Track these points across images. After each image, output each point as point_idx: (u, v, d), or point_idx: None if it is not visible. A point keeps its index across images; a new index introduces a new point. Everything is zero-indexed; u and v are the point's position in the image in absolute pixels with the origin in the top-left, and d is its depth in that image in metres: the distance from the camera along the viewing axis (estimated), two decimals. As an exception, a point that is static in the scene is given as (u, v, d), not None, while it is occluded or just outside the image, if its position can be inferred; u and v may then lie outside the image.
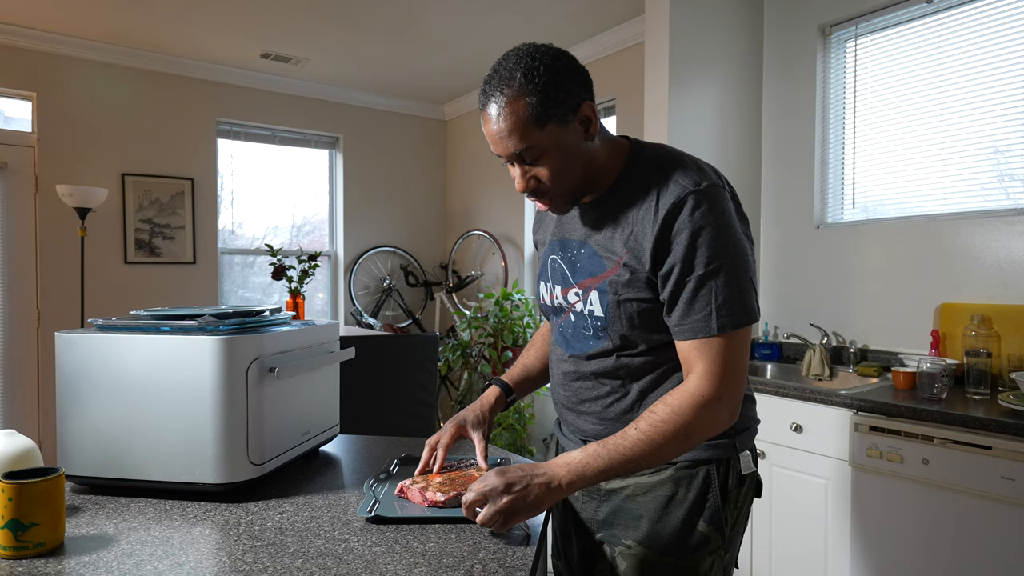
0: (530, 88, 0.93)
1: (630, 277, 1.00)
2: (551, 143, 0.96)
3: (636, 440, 0.92)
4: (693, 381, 0.95)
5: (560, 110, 0.95)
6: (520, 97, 0.93)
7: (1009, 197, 2.18)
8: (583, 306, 1.07)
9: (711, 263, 0.94)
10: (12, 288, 3.49)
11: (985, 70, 2.23)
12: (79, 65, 3.64)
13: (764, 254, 2.90)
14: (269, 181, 4.43)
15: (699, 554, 1.03)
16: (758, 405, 1.17)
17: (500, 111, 0.94)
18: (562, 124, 0.96)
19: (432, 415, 2.73)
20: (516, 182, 1.01)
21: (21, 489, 0.83)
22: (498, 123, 0.95)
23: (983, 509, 1.68)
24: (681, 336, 0.97)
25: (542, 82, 0.93)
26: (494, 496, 0.88)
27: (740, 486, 1.07)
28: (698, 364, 0.95)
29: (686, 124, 2.56)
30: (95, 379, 1.06)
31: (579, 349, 1.10)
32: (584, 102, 0.98)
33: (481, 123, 0.99)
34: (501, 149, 0.98)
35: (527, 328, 3.80)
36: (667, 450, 0.92)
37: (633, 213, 1.00)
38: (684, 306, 0.96)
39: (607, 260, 1.03)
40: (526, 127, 0.94)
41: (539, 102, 0.93)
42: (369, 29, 3.45)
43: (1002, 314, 2.10)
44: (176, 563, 0.82)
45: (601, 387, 1.08)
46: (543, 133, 0.95)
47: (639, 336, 1.02)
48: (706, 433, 0.95)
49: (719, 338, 0.94)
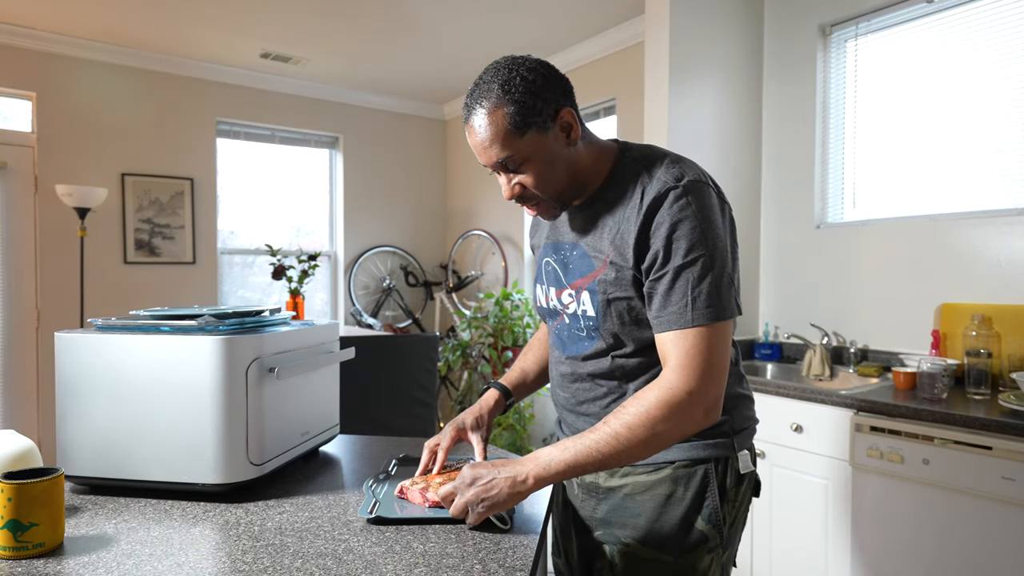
0: (507, 99, 0.96)
1: (616, 276, 1.01)
2: (532, 150, 0.99)
3: (604, 435, 0.92)
4: (665, 374, 0.94)
5: (539, 118, 0.97)
6: (499, 108, 0.96)
7: (1009, 197, 2.18)
8: (576, 307, 1.08)
9: (688, 255, 0.94)
10: (12, 288, 3.49)
11: (985, 70, 2.22)
12: (79, 65, 3.64)
13: (764, 254, 2.90)
14: (269, 181, 4.43)
15: (697, 552, 1.03)
16: (758, 405, 1.18)
17: (481, 122, 0.98)
18: (542, 131, 0.98)
19: (432, 415, 2.72)
20: (503, 190, 1.04)
21: (21, 489, 0.83)
22: (480, 134, 0.98)
23: (983, 509, 1.67)
24: (658, 328, 0.97)
25: (519, 92, 0.96)
26: (462, 489, 0.93)
27: (739, 485, 1.07)
28: (672, 356, 0.94)
29: (686, 124, 2.55)
30: (95, 379, 1.06)
31: (575, 351, 1.11)
32: (563, 109, 1.00)
33: (466, 136, 1.03)
34: (485, 159, 1.01)
35: (527, 328, 3.80)
36: (636, 446, 0.91)
37: (620, 212, 1.02)
38: (661, 298, 0.96)
39: (596, 260, 1.04)
40: (506, 136, 0.97)
41: (517, 111, 0.96)
42: (369, 29, 3.45)
43: (1002, 314, 2.10)
44: (176, 563, 0.82)
45: (598, 388, 1.09)
46: (523, 141, 0.98)
47: (629, 335, 1.03)
48: (678, 430, 0.92)
49: (694, 330, 0.93)
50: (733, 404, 1.08)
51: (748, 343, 2.82)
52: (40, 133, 3.53)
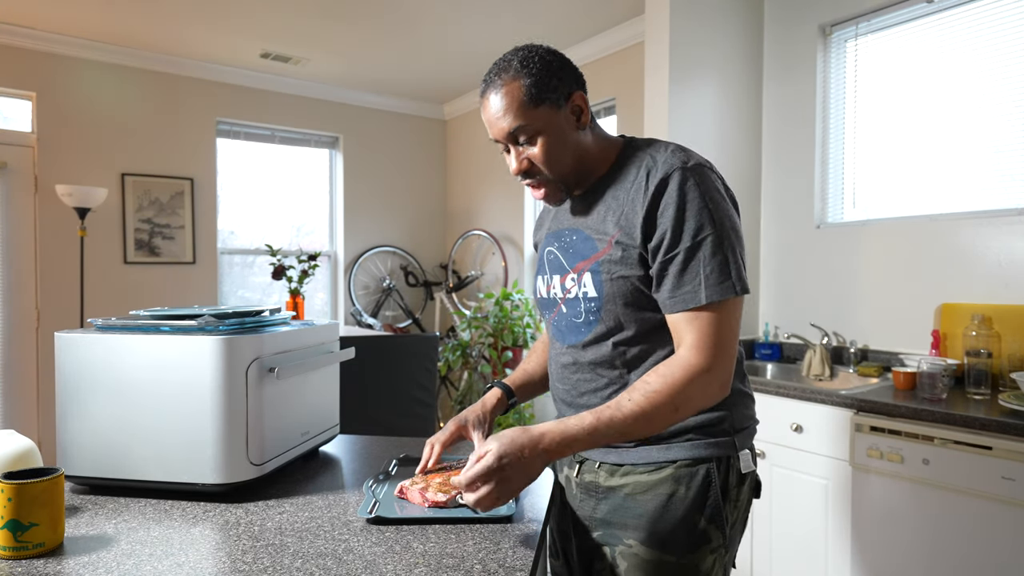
0: (524, 72, 1.01)
1: (622, 255, 1.02)
2: (544, 124, 1.02)
3: (629, 411, 0.92)
4: (683, 353, 0.96)
5: (553, 94, 1.02)
6: (516, 79, 1.01)
7: (1009, 197, 2.18)
8: (578, 289, 1.08)
9: (698, 235, 0.97)
10: (12, 288, 3.49)
11: (985, 70, 2.22)
12: (79, 65, 3.64)
13: (764, 254, 2.90)
14: (269, 181, 4.43)
15: (701, 552, 1.03)
16: (758, 405, 1.17)
17: (498, 92, 1.02)
18: (555, 107, 1.03)
19: (432, 415, 2.72)
20: (511, 165, 1.07)
21: (20, 489, 0.83)
22: (496, 104, 1.03)
23: (983, 509, 1.67)
24: (672, 309, 0.99)
25: (536, 68, 1.01)
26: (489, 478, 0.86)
27: (740, 485, 1.07)
28: (688, 335, 0.97)
29: (686, 124, 2.55)
30: (95, 379, 1.06)
31: (574, 339, 1.11)
32: (576, 92, 1.05)
33: (481, 111, 1.07)
34: (497, 129, 1.04)
35: (527, 328, 3.80)
36: (658, 420, 0.93)
37: (623, 195, 1.04)
38: (674, 279, 0.98)
39: (599, 241, 1.06)
40: (521, 106, 1.01)
41: (533, 84, 1.01)
42: (369, 29, 3.45)
43: (1003, 314, 2.10)
44: (176, 563, 0.82)
45: (599, 379, 1.09)
46: (537, 113, 1.02)
47: (630, 316, 1.04)
48: (696, 404, 0.95)
49: (708, 309, 0.96)
50: (735, 401, 1.08)
51: (748, 343, 2.82)
52: (40, 133, 3.53)
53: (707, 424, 1.04)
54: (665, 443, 1.04)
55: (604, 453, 1.09)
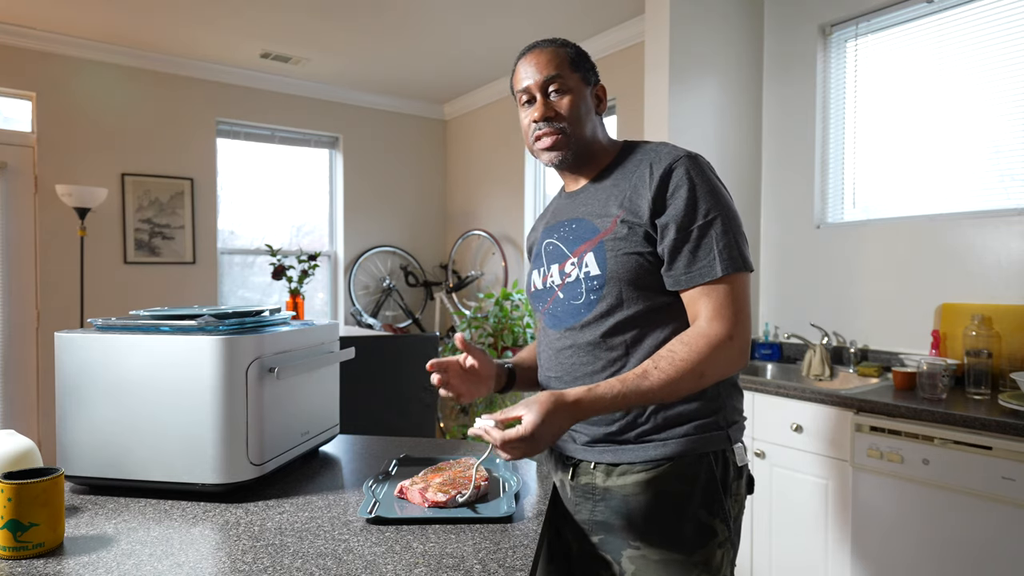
0: (567, 46, 1.17)
1: (628, 231, 1.06)
2: (576, 86, 1.15)
3: (656, 379, 0.96)
4: (703, 323, 1.01)
5: (587, 72, 1.17)
6: (562, 47, 1.17)
7: (1009, 197, 2.18)
8: (578, 271, 1.10)
9: (709, 214, 1.03)
10: (12, 288, 3.49)
11: (985, 70, 2.22)
12: (79, 65, 3.64)
13: (764, 254, 2.90)
14: (269, 181, 4.43)
15: (710, 547, 1.02)
16: (758, 405, 1.18)
17: (544, 50, 1.16)
18: (585, 81, 1.17)
19: (432, 415, 2.72)
20: (535, 112, 1.14)
21: (20, 489, 0.83)
22: (540, 56, 1.15)
23: (983, 509, 1.67)
24: (688, 284, 1.03)
25: (575, 48, 1.18)
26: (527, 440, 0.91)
27: (738, 479, 1.08)
28: (706, 308, 1.01)
29: (686, 124, 2.55)
30: (95, 379, 1.06)
31: (572, 321, 1.11)
32: (600, 83, 1.21)
33: (516, 69, 1.18)
34: (534, 75, 1.14)
35: (527, 328, 3.80)
36: (683, 387, 0.97)
37: (625, 183, 1.10)
38: (688, 255, 1.03)
39: (602, 222, 1.10)
40: (563, 63, 1.14)
41: (575, 53, 1.17)
42: (369, 29, 3.45)
43: (1003, 314, 2.10)
44: (176, 563, 0.82)
45: (596, 361, 1.08)
46: (573, 75, 1.15)
47: (633, 294, 1.05)
48: (721, 371, 0.99)
49: (723, 282, 1.01)
50: (728, 393, 1.09)
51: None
52: (40, 133, 3.53)
53: (701, 418, 1.04)
54: (661, 440, 1.03)
55: (599, 453, 1.07)
